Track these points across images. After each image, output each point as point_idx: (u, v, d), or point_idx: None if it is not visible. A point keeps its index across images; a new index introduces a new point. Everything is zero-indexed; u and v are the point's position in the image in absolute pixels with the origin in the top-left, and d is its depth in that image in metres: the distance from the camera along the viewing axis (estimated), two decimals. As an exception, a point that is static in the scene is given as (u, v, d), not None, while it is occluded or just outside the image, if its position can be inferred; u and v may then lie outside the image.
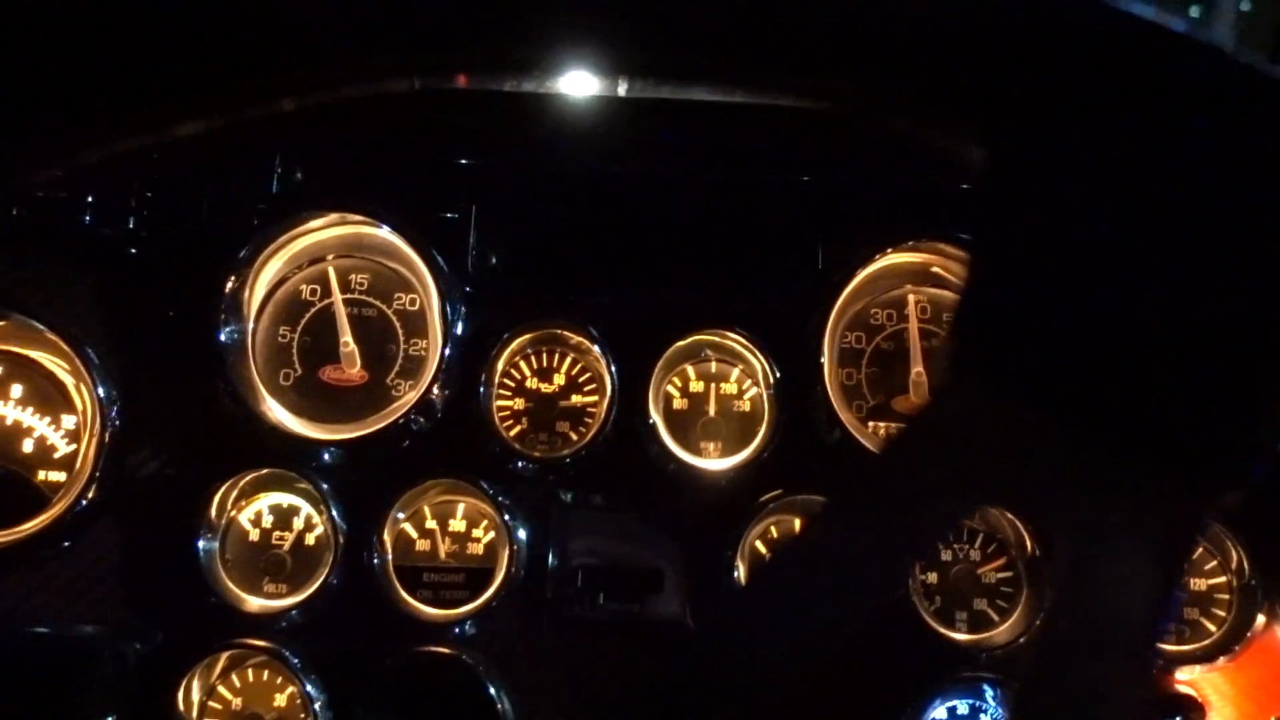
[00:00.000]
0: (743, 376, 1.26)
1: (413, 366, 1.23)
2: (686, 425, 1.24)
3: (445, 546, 1.21)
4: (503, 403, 1.23)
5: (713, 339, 1.23)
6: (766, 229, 1.26)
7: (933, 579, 1.21)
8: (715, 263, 1.26)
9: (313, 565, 1.18)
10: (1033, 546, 1.20)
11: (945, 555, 1.22)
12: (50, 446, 1.19)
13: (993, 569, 1.22)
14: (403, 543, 1.21)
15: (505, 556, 1.18)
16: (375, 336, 1.24)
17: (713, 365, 1.26)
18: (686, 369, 1.26)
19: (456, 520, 1.22)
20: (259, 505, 1.21)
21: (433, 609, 1.19)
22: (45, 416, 1.19)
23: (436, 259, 1.20)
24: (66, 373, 1.19)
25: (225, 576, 1.18)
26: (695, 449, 1.23)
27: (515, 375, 1.24)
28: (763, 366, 1.22)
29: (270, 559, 1.20)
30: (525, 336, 1.23)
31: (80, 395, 1.18)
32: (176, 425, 1.22)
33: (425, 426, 1.19)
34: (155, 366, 1.21)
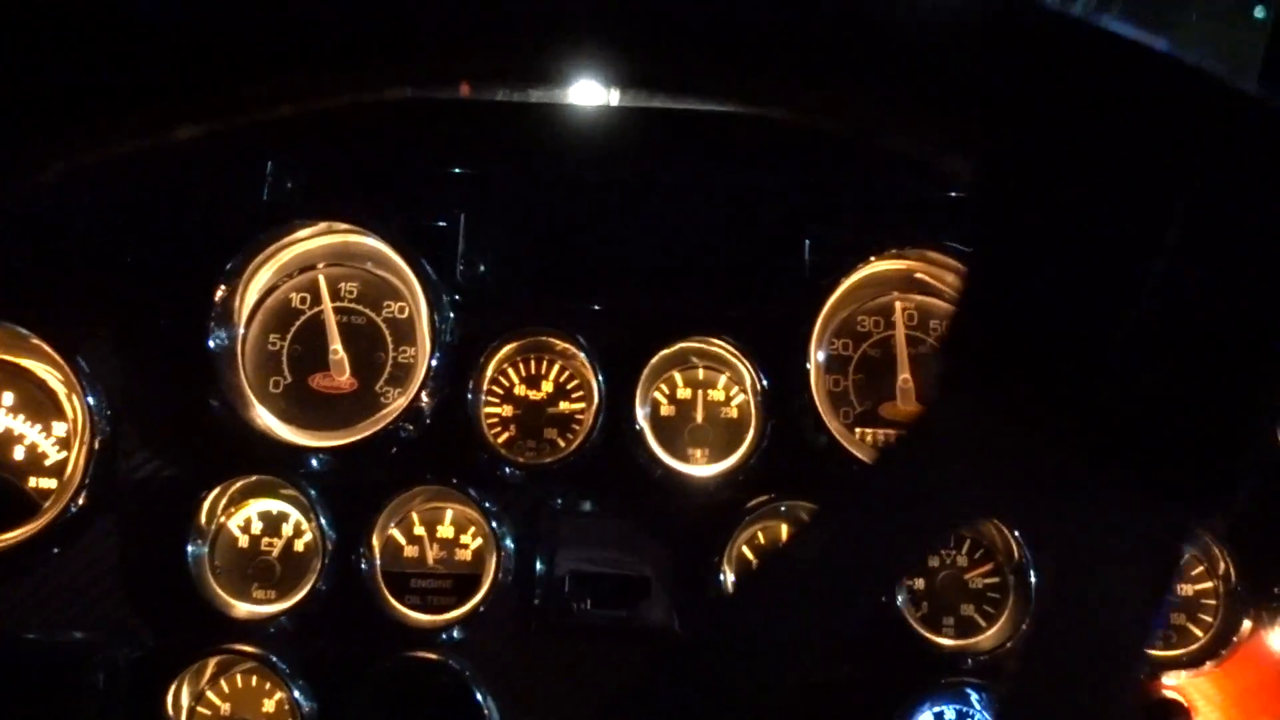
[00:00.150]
0: (730, 383, 1.26)
1: (401, 374, 1.23)
2: (674, 432, 1.24)
3: (433, 553, 1.22)
4: (491, 410, 1.24)
5: (700, 346, 1.24)
6: (753, 236, 1.27)
7: (919, 584, 1.21)
8: (702, 270, 1.27)
9: (301, 571, 1.19)
10: (1019, 553, 1.20)
11: (932, 561, 1.22)
12: (41, 454, 1.19)
13: (979, 574, 1.22)
14: (391, 549, 1.21)
15: (493, 562, 1.18)
16: (364, 344, 1.24)
17: (700, 372, 1.26)
18: (674, 375, 1.26)
19: (444, 526, 1.23)
20: (248, 512, 1.22)
21: (421, 614, 1.19)
22: (36, 424, 1.20)
23: (425, 267, 1.20)
24: (57, 380, 1.19)
25: (214, 582, 1.19)
26: (682, 455, 1.23)
27: (503, 382, 1.25)
28: (750, 373, 1.22)
29: (259, 565, 1.20)
30: (513, 344, 1.23)
31: (70, 403, 1.19)
32: (166, 432, 1.23)
33: (414, 433, 1.19)
34: (145, 374, 1.22)
